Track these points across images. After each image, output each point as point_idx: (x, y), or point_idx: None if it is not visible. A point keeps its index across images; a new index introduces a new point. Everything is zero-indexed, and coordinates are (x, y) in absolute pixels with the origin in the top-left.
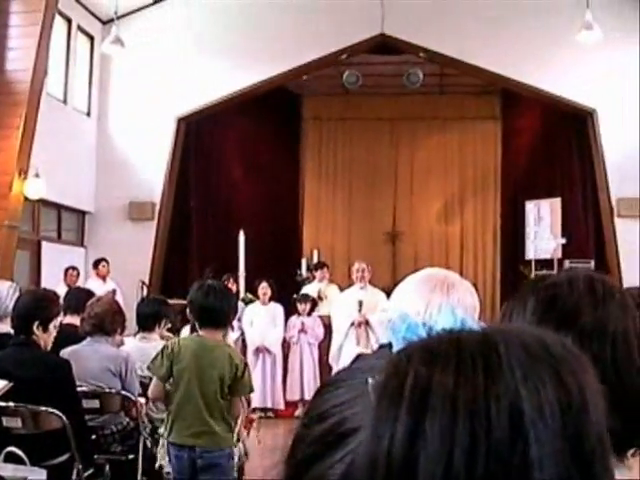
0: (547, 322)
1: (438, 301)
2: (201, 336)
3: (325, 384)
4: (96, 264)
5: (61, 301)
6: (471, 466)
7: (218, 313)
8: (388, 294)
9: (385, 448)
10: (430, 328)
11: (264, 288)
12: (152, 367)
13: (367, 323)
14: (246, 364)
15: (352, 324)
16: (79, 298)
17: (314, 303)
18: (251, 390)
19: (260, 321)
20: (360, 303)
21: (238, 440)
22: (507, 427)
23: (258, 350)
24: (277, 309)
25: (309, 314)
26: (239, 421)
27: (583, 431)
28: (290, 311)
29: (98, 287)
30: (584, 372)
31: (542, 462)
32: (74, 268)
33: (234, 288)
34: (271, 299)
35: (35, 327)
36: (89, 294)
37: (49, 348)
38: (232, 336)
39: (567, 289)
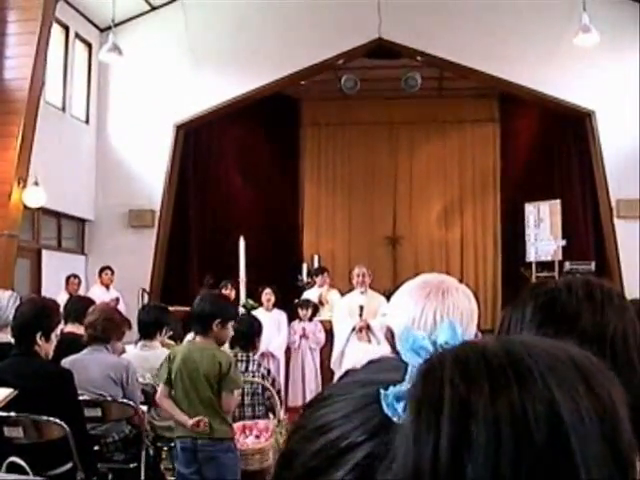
0: (546, 327)
1: (433, 307)
2: (192, 341)
3: (319, 398)
4: (100, 272)
5: (61, 310)
6: (518, 473)
7: (207, 318)
8: (389, 298)
9: (429, 459)
10: (434, 341)
11: (268, 294)
12: (158, 373)
13: (368, 327)
14: (233, 362)
15: (353, 329)
16: (79, 306)
17: (315, 308)
18: (240, 386)
19: (264, 327)
20: (361, 308)
21: None
22: (548, 433)
23: (263, 355)
24: (282, 315)
25: (310, 319)
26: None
27: (618, 435)
28: (291, 316)
29: (101, 295)
30: (610, 379)
31: (588, 465)
32: (75, 276)
33: (232, 295)
34: (274, 305)
35: (38, 337)
36: (89, 302)
37: (50, 357)
38: None
39: (566, 294)
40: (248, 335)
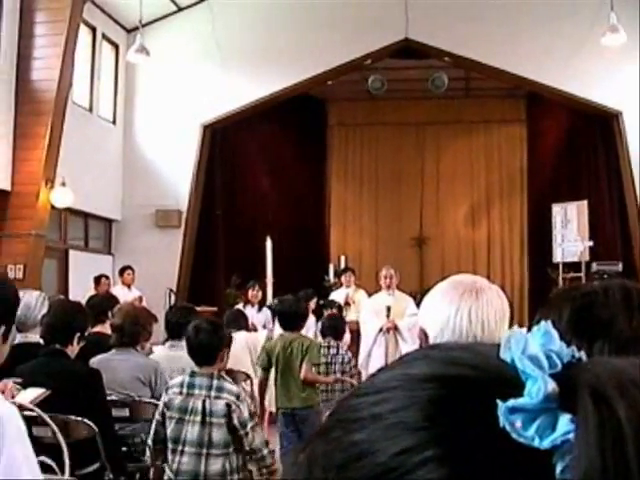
0: (582, 330)
1: (468, 305)
2: (284, 334)
3: (363, 391)
4: (122, 272)
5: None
6: None
7: (298, 317)
8: (415, 298)
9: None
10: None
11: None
12: (257, 361)
13: (396, 328)
14: (314, 344)
15: (381, 329)
16: (104, 306)
17: (340, 309)
18: (314, 361)
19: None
20: (388, 308)
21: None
22: None
23: None
24: (311, 317)
25: None
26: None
27: None
28: (317, 317)
29: (123, 295)
30: None
31: None
32: (107, 277)
33: (259, 295)
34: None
35: (75, 338)
36: (114, 300)
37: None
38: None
39: (603, 298)
40: (337, 329)
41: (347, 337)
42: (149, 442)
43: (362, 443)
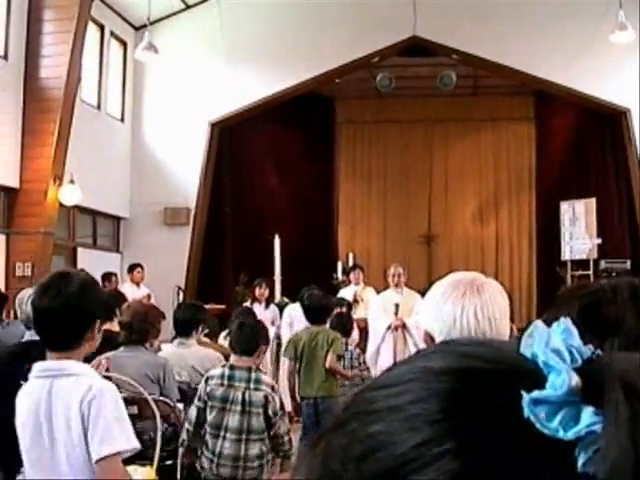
0: (591, 328)
1: (473, 304)
2: (310, 327)
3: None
4: (131, 269)
5: None
6: None
7: (325, 311)
8: (423, 295)
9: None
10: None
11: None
12: (285, 353)
13: (404, 326)
14: (337, 337)
15: (389, 327)
16: (112, 303)
17: (350, 307)
18: (338, 352)
19: (299, 324)
20: (397, 306)
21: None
22: None
23: None
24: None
25: None
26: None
27: None
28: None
29: (132, 292)
30: None
31: None
32: (115, 274)
33: (266, 293)
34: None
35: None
36: (122, 298)
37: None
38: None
39: (611, 296)
40: (346, 326)
41: (355, 334)
42: (187, 426)
43: (380, 435)
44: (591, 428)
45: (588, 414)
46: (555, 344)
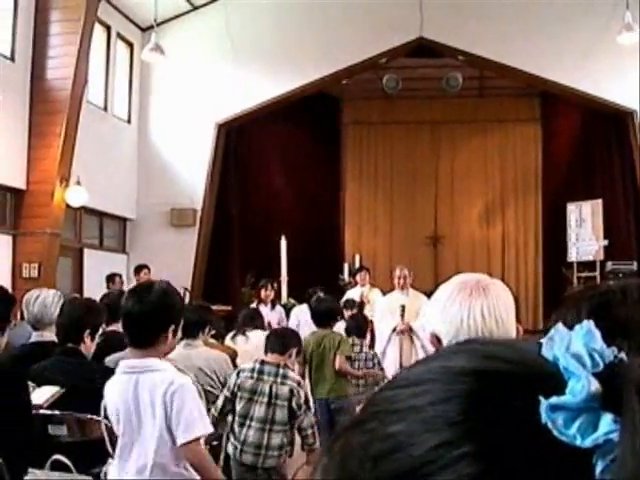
0: (601, 329)
1: (479, 304)
2: (316, 330)
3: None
4: (138, 270)
5: None
6: None
7: (333, 316)
8: (430, 297)
9: None
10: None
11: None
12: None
13: (410, 330)
14: (344, 338)
15: (395, 329)
16: (118, 304)
17: (361, 308)
18: (346, 353)
19: (306, 326)
20: (403, 308)
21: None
22: None
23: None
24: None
25: None
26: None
27: None
28: None
29: None
30: None
31: None
32: (120, 275)
33: (271, 294)
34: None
35: (85, 335)
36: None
37: (90, 356)
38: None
39: (620, 297)
40: (361, 328)
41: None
42: (213, 412)
43: (400, 434)
44: (609, 436)
45: (607, 421)
46: (576, 348)
